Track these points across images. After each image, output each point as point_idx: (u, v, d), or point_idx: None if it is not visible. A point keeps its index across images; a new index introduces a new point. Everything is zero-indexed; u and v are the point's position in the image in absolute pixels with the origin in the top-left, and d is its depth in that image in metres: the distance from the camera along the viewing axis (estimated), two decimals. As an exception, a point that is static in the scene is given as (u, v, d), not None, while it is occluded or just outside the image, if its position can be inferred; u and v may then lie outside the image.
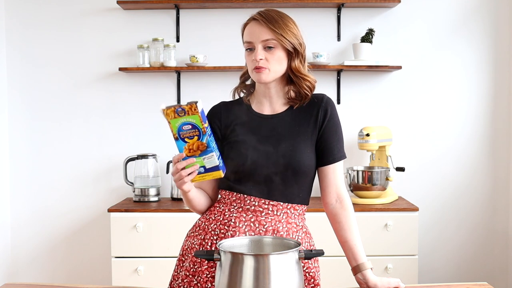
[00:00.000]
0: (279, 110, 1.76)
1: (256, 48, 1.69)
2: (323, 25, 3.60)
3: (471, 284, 1.79)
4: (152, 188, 3.47)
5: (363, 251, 1.72)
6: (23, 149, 3.65)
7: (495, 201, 3.66)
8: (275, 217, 1.70)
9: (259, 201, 1.70)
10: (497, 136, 3.64)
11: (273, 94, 1.76)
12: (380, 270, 3.18)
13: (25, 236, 3.67)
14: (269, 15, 1.70)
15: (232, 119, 1.76)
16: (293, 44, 1.70)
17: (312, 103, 1.76)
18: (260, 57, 1.68)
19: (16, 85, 3.64)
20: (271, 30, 1.67)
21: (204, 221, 1.77)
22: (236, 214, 1.71)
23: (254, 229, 1.69)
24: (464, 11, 3.61)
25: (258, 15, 1.70)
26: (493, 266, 3.67)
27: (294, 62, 1.72)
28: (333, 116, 1.75)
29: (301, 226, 1.75)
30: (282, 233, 1.69)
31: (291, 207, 1.72)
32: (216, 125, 1.77)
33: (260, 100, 1.78)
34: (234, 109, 1.79)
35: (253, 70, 1.70)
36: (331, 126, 1.74)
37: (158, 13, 3.61)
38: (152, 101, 3.63)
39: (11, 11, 3.61)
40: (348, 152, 3.57)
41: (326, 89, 3.61)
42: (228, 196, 1.75)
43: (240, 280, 1.36)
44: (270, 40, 1.68)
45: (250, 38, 1.70)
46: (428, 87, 3.64)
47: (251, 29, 1.70)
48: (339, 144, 1.76)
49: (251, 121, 1.75)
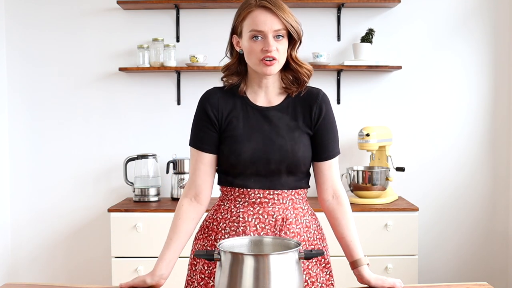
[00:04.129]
0: (275, 101, 1.75)
1: (268, 38, 1.64)
2: (323, 25, 3.60)
3: (471, 284, 1.79)
4: (152, 188, 3.47)
5: (359, 247, 1.72)
6: (23, 149, 3.65)
7: (495, 201, 3.66)
8: (282, 205, 1.71)
9: (263, 193, 1.70)
10: (497, 136, 3.64)
11: (270, 84, 1.74)
12: (380, 270, 3.18)
13: (25, 236, 3.67)
14: (276, 2, 1.65)
15: (229, 110, 1.73)
16: (298, 33, 1.68)
17: (308, 96, 1.75)
18: (273, 47, 1.64)
19: (16, 85, 3.64)
20: (282, 18, 1.64)
21: (212, 221, 1.76)
22: (243, 209, 1.71)
23: (264, 221, 1.70)
24: (464, 11, 3.61)
25: (266, 2, 1.64)
26: (493, 266, 3.67)
27: (294, 51, 1.71)
28: (328, 113, 1.75)
29: (306, 209, 1.77)
30: (291, 220, 1.71)
31: (295, 193, 1.74)
32: (213, 113, 1.73)
33: (255, 90, 1.75)
34: (230, 99, 1.75)
35: (261, 61, 1.65)
36: (326, 123, 1.74)
37: (158, 13, 3.60)
38: (152, 101, 3.63)
39: (11, 11, 3.61)
40: (348, 152, 3.60)
41: (326, 89, 3.56)
42: (231, 192, 1.74)
43: (240, 280, 1.36)
44: (281, 30, 1.65)
45: (262, 27, 1.63)
46: (428, 87, 3.64)
47: (261, 17, 1.64)
48: (335, 141, 1.76)
49: (249, 114, 1.73)
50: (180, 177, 3.45)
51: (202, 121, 1.74)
